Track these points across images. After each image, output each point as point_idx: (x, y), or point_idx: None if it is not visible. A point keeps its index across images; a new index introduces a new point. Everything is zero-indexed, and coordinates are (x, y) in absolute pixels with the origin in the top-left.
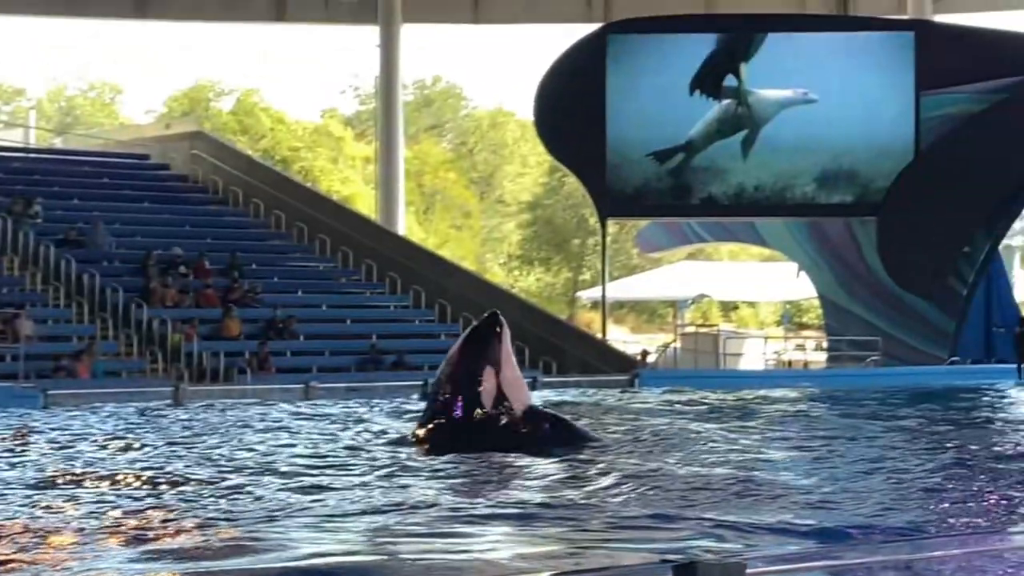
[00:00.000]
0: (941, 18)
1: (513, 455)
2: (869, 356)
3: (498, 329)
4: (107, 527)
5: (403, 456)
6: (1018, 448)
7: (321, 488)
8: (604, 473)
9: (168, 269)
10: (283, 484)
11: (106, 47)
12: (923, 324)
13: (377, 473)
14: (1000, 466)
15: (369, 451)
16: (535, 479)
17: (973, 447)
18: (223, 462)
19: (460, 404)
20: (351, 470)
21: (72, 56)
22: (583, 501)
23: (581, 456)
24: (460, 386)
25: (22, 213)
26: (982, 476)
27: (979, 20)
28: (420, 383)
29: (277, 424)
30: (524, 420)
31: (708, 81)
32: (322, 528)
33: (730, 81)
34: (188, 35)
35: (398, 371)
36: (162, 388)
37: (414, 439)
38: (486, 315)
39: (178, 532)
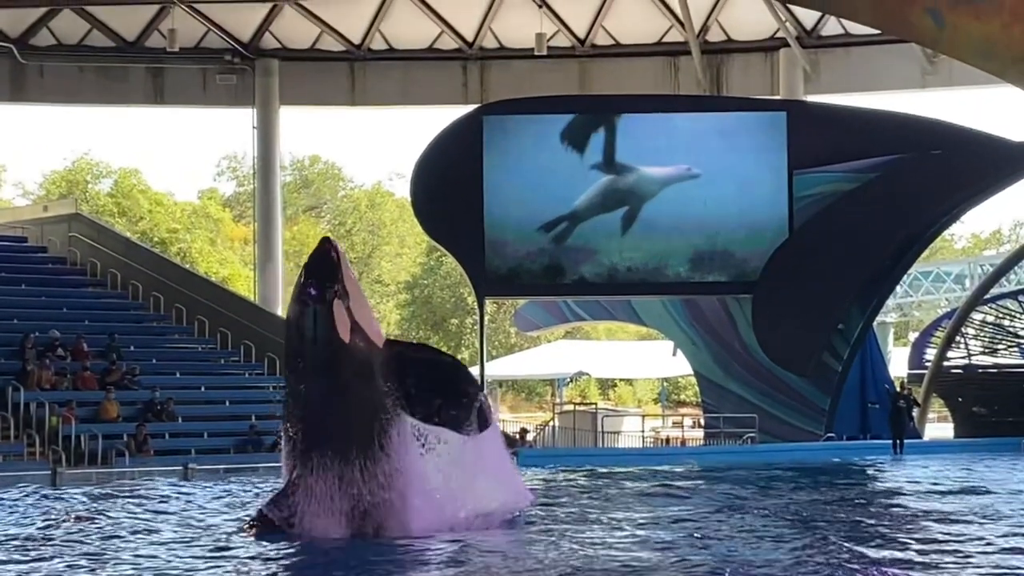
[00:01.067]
0: (813, 98)
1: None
2: (746, 433)
3: (334, 254)
4: None
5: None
6: (885, 525)
7: None
8: (485, 554)
9: (46, 351)
10: None
11: None
12: (799, 400)
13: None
14: (862, 548)
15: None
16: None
17: (841, 524)
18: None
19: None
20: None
21: None
22: None
23: (462, 542)
24: (309, 345)
25: None
26: (846, 555)
27: (850, 100)
28: None
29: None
30: (385, 351)
31: (576, 134)
32: None
33: (595, 156)
34: (66, 117)
35: (278, 452)
36: (40, 471)
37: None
38: (317, 244)
39: None
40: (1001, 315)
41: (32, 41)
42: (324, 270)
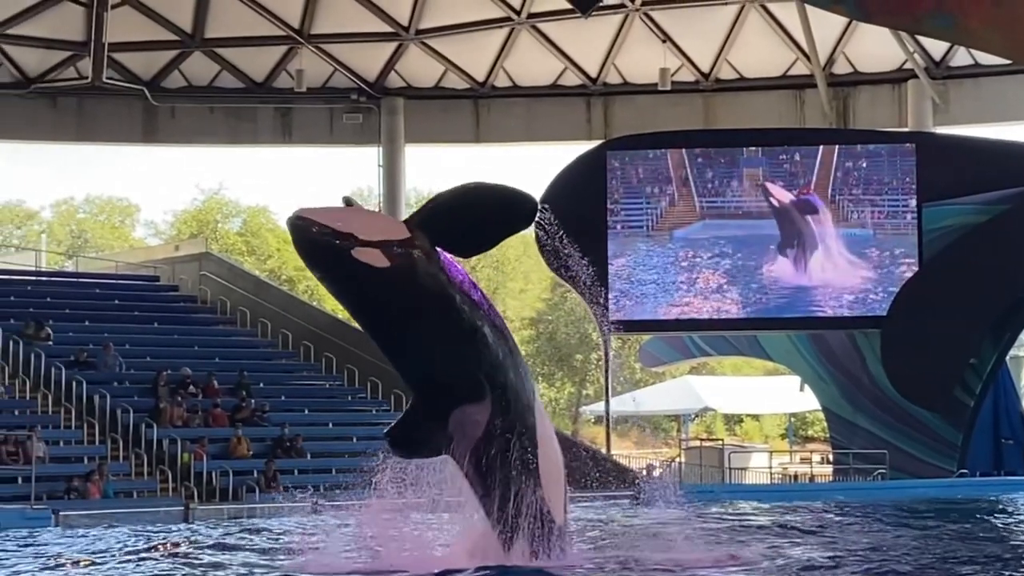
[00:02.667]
0: (942, 130)
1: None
2: (876, 469)
3: (303, 219)
4: None
5: None
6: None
7: None
8: None
9: (178, 389)
10: None
11: (115, 169)
12: (930, 436)
13: None
14: None
15: None
16: None
17: (978, 562)
18: None
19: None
20: None
21: (82, 179)
22: None
23: None
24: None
25: (33, 336)
26: None
27: (980, 132)
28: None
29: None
30: (412, 230)
31: (701, 169)
32: None
33: (720, 190)
34: (196, 157)
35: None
36: (173, 508)
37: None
38: (290, 227)
39: None
40: None
41: (163, 83)
42: (321, 239)
